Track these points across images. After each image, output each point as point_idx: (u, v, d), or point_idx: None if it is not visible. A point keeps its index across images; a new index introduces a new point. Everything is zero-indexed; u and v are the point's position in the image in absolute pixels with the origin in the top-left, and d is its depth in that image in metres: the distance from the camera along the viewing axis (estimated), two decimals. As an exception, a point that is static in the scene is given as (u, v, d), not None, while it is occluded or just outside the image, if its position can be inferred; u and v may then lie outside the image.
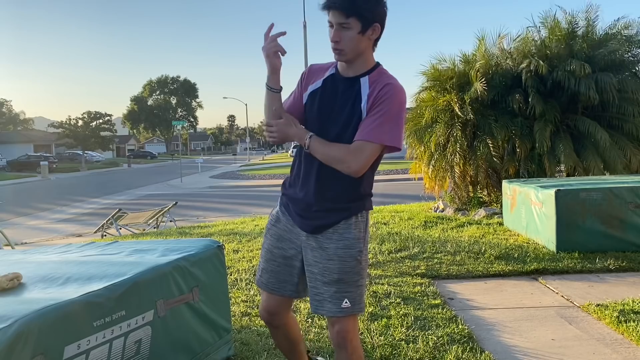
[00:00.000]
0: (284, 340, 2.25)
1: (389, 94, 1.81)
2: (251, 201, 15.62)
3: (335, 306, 1.89)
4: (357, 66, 1.87)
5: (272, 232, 2.10)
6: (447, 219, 7.24)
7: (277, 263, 2.07)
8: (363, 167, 1.84)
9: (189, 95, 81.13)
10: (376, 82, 1.84)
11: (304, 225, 1.96)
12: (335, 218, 1.92)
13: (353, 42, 1.78)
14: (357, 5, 1.72)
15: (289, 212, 2.03)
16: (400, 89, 1.85)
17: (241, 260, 5.22)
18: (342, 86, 1.89)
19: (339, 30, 1.76)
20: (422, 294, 3.92)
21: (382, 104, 1.81)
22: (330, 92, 1.91)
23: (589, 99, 7.25)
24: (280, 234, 2.06)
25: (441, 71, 8.60)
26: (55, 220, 13.71)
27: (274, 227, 2.09)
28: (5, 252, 3.49)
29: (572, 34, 8.02)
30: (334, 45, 1.79)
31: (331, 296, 1.90)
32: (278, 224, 2.08)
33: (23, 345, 1.75)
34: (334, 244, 1.91)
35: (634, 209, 5.04)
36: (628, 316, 3.33)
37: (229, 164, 44.77)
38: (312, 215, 1.94)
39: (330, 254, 1.90)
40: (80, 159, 45.24)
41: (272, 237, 2.09)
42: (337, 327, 1.91)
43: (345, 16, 1.73)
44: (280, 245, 2.06)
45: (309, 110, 1.95)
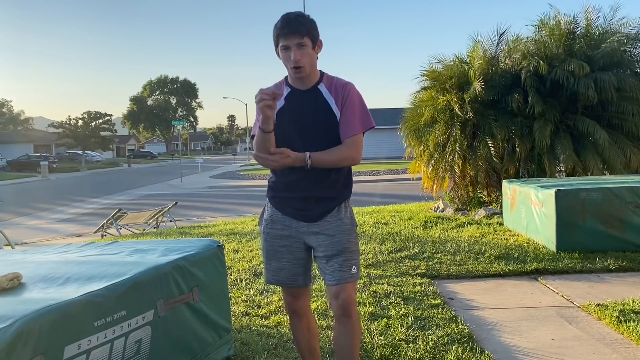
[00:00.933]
0: (306, 331, 2.37)
1: (349, 90, 2.19)
2: (251, 201, 15.62)
3: (347, 273, 2.17)
4: (311, 78, 2.17)
5: (271, 235, 2.28)
6: (447, 219, 7.24)
7: (286, 259, 2.27)
8: (361, 155, 2.22)
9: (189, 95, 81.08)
10: (334, 86, 2.20)
11: (307, 217, 2.22)
12: (333, 205, 2.24)
13: (310, 58, 2.10)
14: (307, 27, 2.07)
15: (285, 211, 2.25)
16: (350, 82, 2.24)
17: (241, 260, 5.22)
18: (306, 98, 2.18)
19: (298, 49, 2.05)
20: (422, 294, 3.93)
21: (350, 101, 2.18)
22: (297, 106, 2.18)
23: (588, 98, 7.26)
24: (280, 234, 2.26)
25: (440, 71, 8.60)
26: (55, 220, 13.70)
27: (272, 229, 2.28)
28: (5, 252, 3.49)
29: (571, 33, 8.02)
30: (295, 64, 2.06)
31: (341, 265, 2.17)
32: (275, 225, 2.27)
33: (23, 345, 1.75)
34: (334, 224, 2.22)
35: (634, 209, 5.04)
36: (628, 316, 3.33)
37: (229, 164, 44.74)
38: (315, 206, 2.21)
39: (333, 232, 2.20)
40: (80, 159, 45.22)
41: (273, 238, 2.28)
42: (343, 295, 2.16)
43: (301, 37, 2.04)
44: (283, 243, 2.26)
45: (281, 126, 2.13)
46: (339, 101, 2.17)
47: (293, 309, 2.36)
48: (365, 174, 22.48)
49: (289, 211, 2.24)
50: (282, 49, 2.07)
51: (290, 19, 2.06)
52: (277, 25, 2.07)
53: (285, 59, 2.09)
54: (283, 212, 2.25)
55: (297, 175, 2.18)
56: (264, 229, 2.31)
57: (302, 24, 2.05)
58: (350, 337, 2.19)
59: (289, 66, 2.10)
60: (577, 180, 6.26)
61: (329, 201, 2.23)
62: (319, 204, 2.22)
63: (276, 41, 2.09)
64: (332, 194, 2.24)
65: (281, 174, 2.23)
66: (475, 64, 8.00)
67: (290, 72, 2.13)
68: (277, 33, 2.07)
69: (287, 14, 2.10)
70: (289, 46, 2.05)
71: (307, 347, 2.40)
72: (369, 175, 22.11)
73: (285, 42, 2.05)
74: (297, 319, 2.38)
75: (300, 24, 2.05)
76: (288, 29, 2.04)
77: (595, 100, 7.28)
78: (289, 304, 2.37)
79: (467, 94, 7.84)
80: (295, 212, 2.23)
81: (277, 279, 2.30)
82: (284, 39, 2.05)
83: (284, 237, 2.25)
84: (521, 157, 7.61)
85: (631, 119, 7.44)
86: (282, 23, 2.06)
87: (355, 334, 2.20)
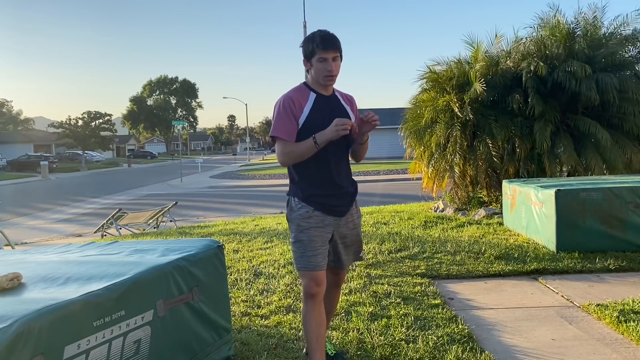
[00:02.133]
0: (319, 315, 2.55)
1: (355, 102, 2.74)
2: (251, 201, 15.62)
3: (356, 256, 2.79)
4: (330, 87, 2.59)
5: (307, 227, 2.54)
6: (447, 219, 7.24)
7: (319, 245, 2.56)
8: None
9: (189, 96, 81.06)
10: (344, 96, 2.69)
11: (340, 212, 2.61)
12: (354, 199, 2.70)
13: (339, 69, 2.53)
14: (340, 45, 2.49)
15: (319, 207, 2.55)
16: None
17: (241, 260, 5.22)
18: (332, 102, 2.59)
19: (334, 62, 2.47)
20: (422, 294, 3.92)
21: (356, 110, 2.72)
22: (326, 109, 2.54)
23: (590, 99, 7.25)
24: (315, 226, 2.55)
25: (440, 72, 8.59)
26: (55, 220, 13.70)
27: (308, 223, 2.54)
28: (5, 252, 3.49)
29: (572, 34, 8.01)
30: (329, 74, 2.46)
31: (355, 252, 2.76)
32: (310, 219, 2.54)
33: (23, 345, 1.75)
34: (355, 214, 2.71)
35: (634, 209, 5.04)
36: (628, 316, 3.33)
37: (229, 164, 44.74)
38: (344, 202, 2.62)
39: (354, 224, 2.70)
40: (80, 159, 45.22)
41: (309, 230, 2.54)
42: (342, 273, 2.80)
43: (337, 51, 2.47)
44: (318, 234, 2.55)
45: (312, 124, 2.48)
46: (353, 109, 2.66)
47: (314, 292, 2.53)
48: (365, 174, 22.48)
49: (323, 208, 2.54)
50: (319, 60, 2.44)
51: (329, 36, 2.45)
52: (316, 40, 2.42)
53: (321, 68, 2.45)
54: (317, 208, 2.54)
55: (332, 171, 2.55)
56: (300, 222, 2.54)
57: (338, 41, 2.47)
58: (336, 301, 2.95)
59: (321, 75, 2.47)
60: (577, 180, 6.26)
61: (354, 195, 2.68)
62: (349, 198, 2.64)
63: (312, 52, 2.44)
64: (354, 187, 2.69)
65: (316, 171, 2.53)
66: (477, 65, 7.99)
67: (320, 80, 2.49)
68: (315, 46, 2.42)
69: (323, 31, 2.47)
70: (327, 59, 2.43)
71: (317, 333, 2.51)
72: (369, 175, 22.10)
73: (324, 54, 2.42)
74: (313, 303, 2.53)
75: (336, 40, 2.47)
76: (329, 44, 2.43)
77: (597, 101, 7.27)
78: (311, 288, 2.53)
79: (467, 94, 7.83)
80: (330, 208, 2.56)
81: (314, 263, 2.51)
82: (324, 52, 2.42)
83: (318, 228, 2.54)
84: (521, 157, 7.60)
85: (632, 119, 7.43)
86: (323, 39, 2.43)
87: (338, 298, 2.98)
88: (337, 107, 2.57)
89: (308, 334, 2.54)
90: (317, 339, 2.51)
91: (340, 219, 2.61)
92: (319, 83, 2.52)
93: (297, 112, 2.49)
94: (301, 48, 2.51)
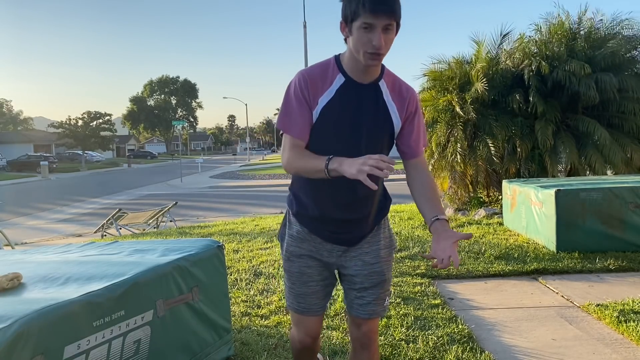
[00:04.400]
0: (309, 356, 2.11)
1: (416, 99, 1.81)
2: (251, 201, 15.61)
3: (380, 307, 1.91)
4: (376, 70, 1.72)
5: (298, 254, 1.92)
6: (447, 219, 7.23)
7: (314, 283, 1.93)
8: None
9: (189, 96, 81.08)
10: (397, 88, 1.78)
11: (346, 240, 1.87)
12: (373, 225, 1.90)
13: (390, 46, 1.63)
14: (400, 10, 1.61)
15: (317, 232, 1.88)
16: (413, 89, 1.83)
17: (241, 260, 5.22)
18: (365, 94, 1.72)
19: (384, 33, 1.58)
20: (422, 294, 3.92)
21: (416, 110, 1.80)
22: (353, 102, 1.72)
23: (590, 98, 7.26)
24: (309, 255, 1.91)
25: (441, 71, 8.60)
26: (55, 220, 13.70)
27: (299, 248, 1.91)
28: (5, 252, 3.49)
29: (574, 34, 8.01)
30: (374, 50, 1.58)
31: (376, 298, 1.90)
32: (303, 244, 1.90)
33: (23, 345, 1.75)
34: (374, 246, 1.89)
35: (634, 209, 5.04)
36: (628, 316, 3.33)
37: (229, 164, 44.74)
38: (356, 228, 1.86)
39: (372, 259, 1.89)
40: (80, 159, 45.21)
41: (299, 259, 1.92)
42: (366, 327, 1.91)
43: (392, 18, 1.57)
44: (311, 264, 1.92)
45: (328, 125, 1.72)
46: (404, 111, 1.77)
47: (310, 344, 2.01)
48: (365, 174, 22.42)
49: (322, 233, 1.87)
50: (363, 26, 1.56)
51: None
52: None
53: (363, 40, 1.58)
54: (314, 232, 1.88)
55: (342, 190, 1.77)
56: (288, 247, 1.93)
57: (397, 3, 1.58)
58: None
59: (363, 50, 1.60)
60: (577, 180, 6.26)
61: (380, 213, 1.90)
62: (363, 224, 1.86)
63: (354, 14, 1.57)
64: (377, 207, 1.88)
65: (319, 187, 1.79)
66: (478, 65, 7.99)
67: (361, 58, 1.62)
68: (363, 4, 1.54)
69: None
70: (375, 26, 1.55)
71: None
72: (369, 175, 22.07)
73: (372, 19, 1.54)
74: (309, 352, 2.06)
75: (396, 2, 1.57)
76: (383, 5, 1.54)
77: (597, 100, 7.28)
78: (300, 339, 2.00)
79: (468, 94, 7.84)
80: (330, 234, 1.86)
81: (304, 307, 1.93)
82: (372, 15, 1.54)
83: (313, 258, 1.91)
84: (522, 157, 7.61)
85: (632, 118, 7.44)
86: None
87: None
88: (372, 104, 1.72)
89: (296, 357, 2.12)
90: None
91: (350, 250, 1.88)
92: (356, 62, 1.67)
93: (312, 100, 1.70)
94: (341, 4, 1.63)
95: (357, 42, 1.60)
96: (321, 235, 1.87)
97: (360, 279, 1.88)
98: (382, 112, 1.73)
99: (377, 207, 1.88)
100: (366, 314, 1.89)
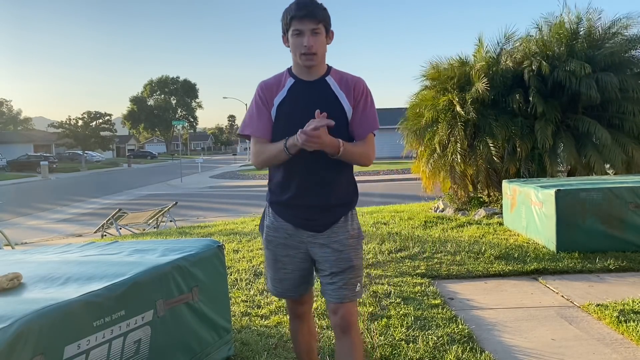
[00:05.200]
0: (306, 334, 2.31)
1: (364, 87, 2.09)
2: (251, 201, 15.61)
3: (351, 292, 2.06)
4: (319, 69, 2.05)
5: (274, 243, 2.15)
6: (447, 219, 7.23)
7: (289, 270, 2.15)
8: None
9: (189, 96, 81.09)
10: (344, 80, 2.07)
11: (313, 226, 2.07)
12: (341, 213, 2.10)
13: (323, 46, 1.99)
14: (323, 14, 1.96)
15: (288, 218, 2.11)
16: (362, 79, 2.13)
17: (241, 260, 5.22)
18: (313, 89, 2.04)
19: (312, 35, 1.93)
20: (422, 294, 3.92)
21: (365, 98, 2.08)
22: (302, 97, 2.03)
23: (591, 98, 7.25)
24: (283, 242, 2.13)
25: (442, 71, 8.60)
26: (55, 220, 13.70)
27: (274, 237, 2.15)
28: (5, 252, 3.49)
29: (574, 34, 8.01)
30: (307, 50, 1.93)
31: (346, 283, 2.06)
32: (277, 233, 2.13)
33: (23, 345, 1.75)
34: (342, 235, 2.08)
35: (634, 209, 5.04)
36: (628, 316, 3.33)
37: (229, 164, 44.72)
38: (321, 216, 2.07)
39: (340, 247, 2.07)
40: (80, 159, 45.22)
41: (275, 247, 2.15)
42: (342, 311, 2.06)
43: (316, 22, 1.93)
44: (286, 253, 2.13)
45: (284, 118, 2.02)
46: (351, 96, 2.05)
47: (296, 314, 2.29)
48: (365, 174, 22.46)
49: (292, 219, 2.09)
50: (294, 33, 1.94)
51: (306, 3, 1.94)
52: (291, 8, 1.94)
53: (296, 44, 1.95)
54: (285, 219, 2.10)
55: (305, 176, 2.03)
56: (266, 236, 2.18)
57: (318, 9, 1.95)
58: (350, 355, 2.04)
59: (298, 52, 1.96)
60: (577, 180, 6.26)
61: (339, 208, 2.09)
62: (328, 212, 2.07)
63: (287, 25, 1.96)
64: (343, 199, 2.10)
65: (287, 175, 2.05)
66: (478, 65, 7.99)
67: (298, 60, 1.98)
68: (290, 16, 1.93)
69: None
70: (303, 31, 1.93)
71: (305, 349, 2.34)
72: (369, 175, 22.10)
73: (300, 26, 1.92)
74: (298, 322, 2.31)
75: (316, 8, 1.94)
76: (304, 12, 1.91)
77: (598, 100, 7.27)
78: (292, 309, 2.30)
79: (469, 94, 7.83)
80: (299, 220, 2.08)
81: (279, 290, 2.19)
82: (299, 22, 1.92)
83: (287, 246, 2.12)
84: (522, 157, 7.61)
85: (632, 119, 7.43)
86: (298, 6, 1.93)
87: (355, 351, 2.04)
88: (321, 95, 2.02)
89: (297, 350, 2.38)
90: (308, 354, 2.34)
91: (317, 236, 2.07)
92: (299, 65, 2.02)
93: (269, 102, 2.04)
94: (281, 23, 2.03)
95: (293, 46, 1.98)
96: (292, 222, 2.09)
97: (329, 265, 2.06)
98: (332, 100, 2.03)
99: (343, 199, 2.10)
100: (338, 298, 2.05)
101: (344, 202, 2.11)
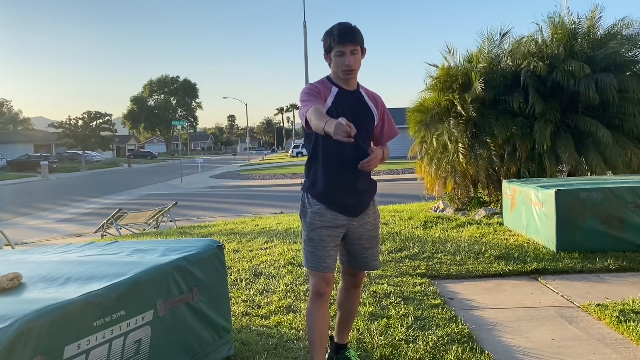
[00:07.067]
0: (325, 316, 2.53)
1: (382, 101, 2.63)
2: (251, 201, 15.62)
3: (377, 263, 2.68)
4: (354, 82, 2.53)
5: (322, 225, 2.50)
6: (447, 219, 7.23)
7: (331, 247, 2.52)
8: None
9: (189, 95, 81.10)
10: (370, 94, 2.60)
11: (354, 212, 2.53)
12: (369, 200, 2.63)
13: (359, 62, 2.46)
14: (360, 38, 2.43)
15: (332, 206, 2.50)
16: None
17: (241, 260, 5.22)
18: (354, 98, 2.52)
19: (352, 55, 2.39)
20: (422, 294, 3.92)
21: (385, 110, 2.63)
22: (347, 104, 2.48)
23: (590, 98, 7.24)
24: (329, 225, 2.51)
25: (445, 71, 8.57)
26: (55, 220, 13.70)
27: (321, 221, 2.50)
28: (5, 252, 3.49)
29: (574, 34, 8.00)
30: (347, 68, 2.40)
31: (375, 256, 2.65)
32: (323, 218, 2.50)
33: (23, 345, 1.75)
34: (372, 216, 2.62)
35: (634, 209, 5.04)
36: (628, 316, 3.33)
37: (229, 164, 44.74)
38: (359, 202, 2.55)
39: (372, 226, 2.62)
40: (80, 159, 45.21)
41: (326, 228, 2.51)
42: (361, 275, 2.72)
43: (355, 45, 2.40)
44: (329, 233, 2.51)
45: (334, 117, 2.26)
46: (378, 108, 2.57)
47: (321, 292, 2.51)
48: (365, 174, 22.44)
49: (337, 207, 2.49)
50: (337, 54, 2.39)
51: (346, 29, 2.38)
52: (334, 33, 2.37)
53: (339, 63, 2.40)
54: (330, 207, 2.49)
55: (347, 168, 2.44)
56: (311, 220, 2.51)
57: (357, 34, 2.39)
58: (357, 300, 2.80)
59: (340, 69, 2.42)
60: (577, 180, 6.26)
61: (372, 194, 2.61)
62: (365, 197, 2.57)
63: (330, 46, 2.40)
64: (373, 186, 2.62)
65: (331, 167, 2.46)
66: (479, 65, 7.99)
67: (340, 74, 2.44)
68: (333, 40, 2.37)
69: (342, 23, 2.41)
70: (345, 52, 2.37)
71: (321, 333, 2.48)
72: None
73: (342, 48, 2.37)
74: (319, 303, 2.51)
75: (355, 33, 2.39)
76: (347, 37, 2.36)
77: (597, 101, 7.26)
78: (319, 288, 2.50)
79: (469, 93, 7.83)
80: (345, 207, 2.50)
81: (324, 265, 2.48)
82: (341, 45, 2.36)
83: (330, 227, 2.50)
84: (522, 157, 7.60)
85: (632, 120, 7.42)
86: (341, 32, 2.37)
87: (359, 298, 2.84)
88: (359, 104, 2.51)
89: (312, 334, 2.49)
90: (321, 339, 2.48)
91: (354, 219, 2.54)
92: (339, 78, 2.48)
93: (323, 97, 2.43)
94: (322, 42, 2.47)
95: (335, 64, 2.44)
96: (336, 209, 2.50)
97: (364, 241, 2.60)
98: (368, 108, 2.55)
99: (370, 187, 2.61)
100: (370, 267, 2.65)
101: (371, 190, 2.62)
